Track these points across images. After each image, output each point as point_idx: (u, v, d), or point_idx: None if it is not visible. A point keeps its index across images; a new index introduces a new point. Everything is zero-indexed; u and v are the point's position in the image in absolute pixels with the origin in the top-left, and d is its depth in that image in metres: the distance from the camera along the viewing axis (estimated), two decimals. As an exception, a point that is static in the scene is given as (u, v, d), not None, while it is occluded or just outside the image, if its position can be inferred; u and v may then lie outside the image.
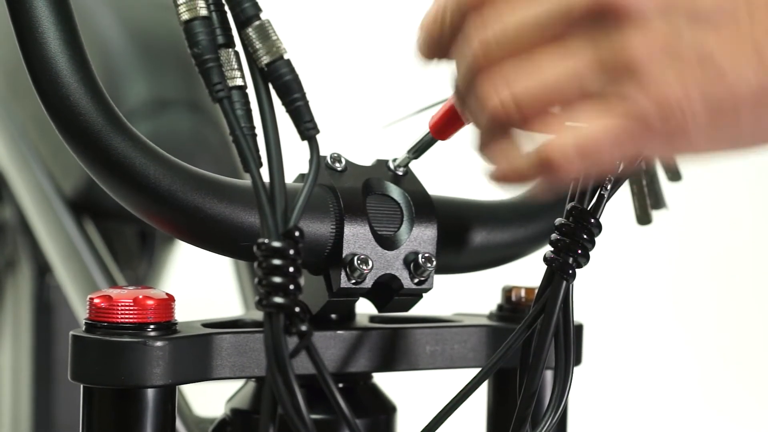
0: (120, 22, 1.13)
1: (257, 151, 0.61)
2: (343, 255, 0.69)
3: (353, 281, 0.69)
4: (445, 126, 0.70)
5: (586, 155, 0.54)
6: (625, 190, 0.76)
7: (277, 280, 0.59)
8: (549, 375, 0.71)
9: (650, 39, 0.53)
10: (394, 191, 0.73)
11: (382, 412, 0.76)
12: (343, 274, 0.69)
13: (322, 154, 0.64)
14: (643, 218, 0.79)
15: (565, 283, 0.66)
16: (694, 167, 0.64)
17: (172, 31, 0.63)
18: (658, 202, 0.80)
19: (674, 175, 0.81)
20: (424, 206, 0.72)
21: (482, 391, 0.76)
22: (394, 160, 0.73)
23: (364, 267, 0.69)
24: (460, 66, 0.58)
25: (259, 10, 0.61)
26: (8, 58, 1.14)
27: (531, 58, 0.55)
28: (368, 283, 0.70)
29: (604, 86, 0.54)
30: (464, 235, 0.75)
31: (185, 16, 0.62)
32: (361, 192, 0.71)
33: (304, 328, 0.59)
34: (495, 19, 0.56)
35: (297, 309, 0.59)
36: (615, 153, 0.55)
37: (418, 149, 0.73)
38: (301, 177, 0.73)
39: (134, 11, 1.16)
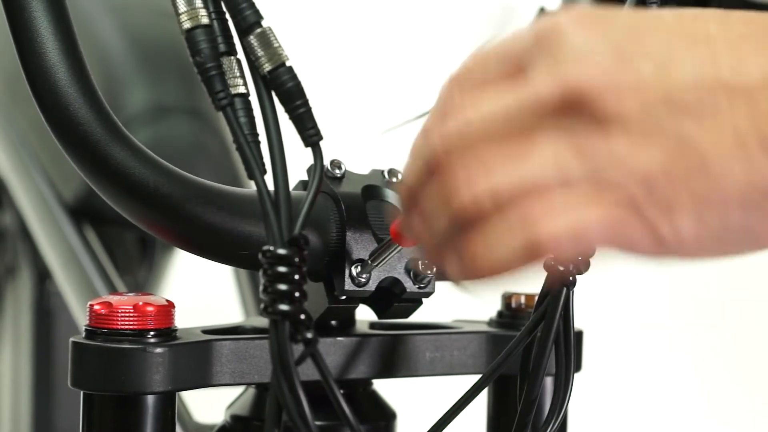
0: (120, 29, 1.13)
1: (261, 158, 0.61)
2: (346, 260, 0.69)
3: (357, 285, 0.70)
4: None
5: (577, 240, 0.52)
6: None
7: (283, 287, 0.59)
8: (549, 381, 0.71)
9: (630, 132, 0.50)
10: (393, 197, 0.73)
11: (382, 418, 0.76)
12: (347, 277, 0.69)
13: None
14: None
15: (565, 290, 0.66)
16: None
17: (172, 37, 0.63)
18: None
19: None
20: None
21: (482, 398, 0.76)
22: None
23: (366, 272, 0.70)
24: (412, 167, 0.55)
25: (260, 17, 0.62)
26: (8, 64, 1.15)
27: (502, 149, 0.52)
28: (371, 286, 0.70)
29: (588, 175, 0.51)
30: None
31: (187, 25, 0.62)
32: (361, 198, 0.71)
33: (309, 335, 0.59)
34: (457, 113, 0.53)
35: (302, 316, 0.59)
36: (605, 241, 0.52)
37: (382, 256, 0.69)
38: (301, 183, 0.73)
39: (135, 18, 1.16)
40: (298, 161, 0.67)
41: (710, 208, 0.51)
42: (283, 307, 0.58)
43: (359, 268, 0.69)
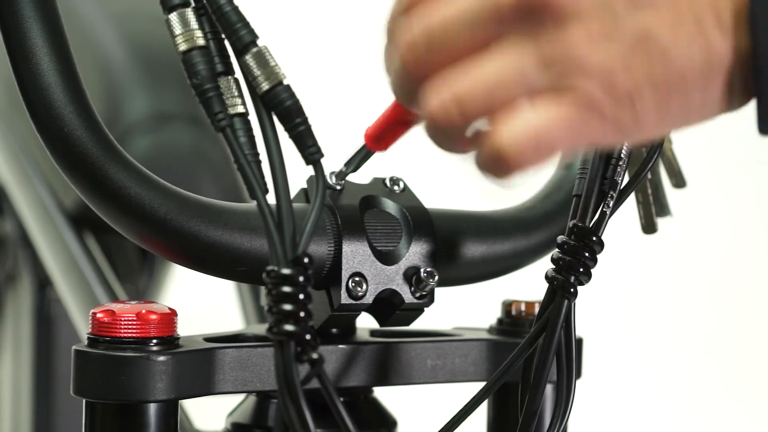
0: (121, 37, 1.14)
1: (262, 177, 0.62)
2: (343, 272, 0.70)
3: (354, 297, 0.70)
4: (381, 137, 0.68)
5: (539, 145, 0.53)
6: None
7: (288, 307, 0.59)
8: (549, 388, 0.71)
9: (588, 29, 0.51)
10: (392, 207, 0.73)
11: (383, 426, 0.76)
12: (343, 291, 0.70)
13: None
14: (649, 227, 0.79)
15: (566, 301, 0.66)
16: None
17: (173, 45, 0.64)
18: (663, 210, 0.79)
19: (679, 181, 0.80)
20: (422, 221, 0.73)
21: (482, 404, 0.76)
22: (332, 174, 0.72)
23: (364, 284, 0.70)
24: (391, 72, 0.56)
25: (255, 37, 0.62)
26: (8, 72, 1.14)
27: (468, 59, 0.53)
28: (369, 299, 0.70)
29: (549, 80, 0.52)
30: (463, 248, 0.75)
31: (183, 47, 0.62)
32: (358, 209, 0.72)
33: (315, 356, 0.59)
34: (419, 21, 0.54)
35: (308, 336, 0.59)
36: (568, 143, 0.53)
37: (357, 163, 0.71)
38: (303, 192, 0.73)
39: (135, 26, 1.16)
40: (296, 160, 0.67)
41: (671, 92, 0.53)
42: (289, 327, 0.59)
43: (357, 279, 0.69)
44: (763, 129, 0.54)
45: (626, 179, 0.68)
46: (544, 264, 0.70)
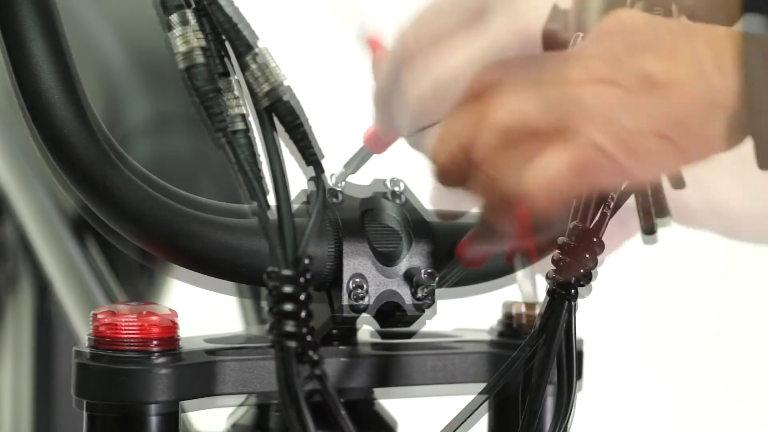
0: (121, 40, 1.14)
1: (262, 179, 0.62)
2: (344, 273, 0.70)
3: (354, 299, 0.70)
4: (379, 140, 0.70)
5: (550, 190, 0.53)
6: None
7: (288, 307, 0.59)
8: (550, 389, 0.71)
9: (590, 72, 0.52)
10: (392, 209, 0.73)
11: (384, 428, 0.76)
12: (344, 292, 0.70)
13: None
14: (648, 228, 0.79)
15: (567, 302, 0.66)
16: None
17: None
18: (663, 211, 0.79)
19: (678, 182, 0.80)
20: (422, 222, 0.73)
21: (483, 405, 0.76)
22: (332, 175, 0.73)
23: (364, 285, 0.70)
24: (401, 115, 0.57)
25: (256, 38, 0.62)
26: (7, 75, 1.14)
27: (470, 104, 0.54)
28: (369, 301, 0.71)
29: (553, 123, 0.52)
30: (462, 249, 0.75)
31: (182, 49, 0.62)
32: (359, 210, 0.72)
33: (315, 357, 0.59)
34: (425, 71, 0.55)
35: (308, 337, 0.59)
36: (578, 186, 0.54)
37: (357, 164, 0.73)
38: (303, 193, 0.73)
39: (135, 28, 1.17)
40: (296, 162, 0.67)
41: (673, 134, 0.52)
42: (289, 328, 0.59)
43: (358, 280, 0.70)
44: (762, 165, 0.55)
45: (626, 180, 0.68)
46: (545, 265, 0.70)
